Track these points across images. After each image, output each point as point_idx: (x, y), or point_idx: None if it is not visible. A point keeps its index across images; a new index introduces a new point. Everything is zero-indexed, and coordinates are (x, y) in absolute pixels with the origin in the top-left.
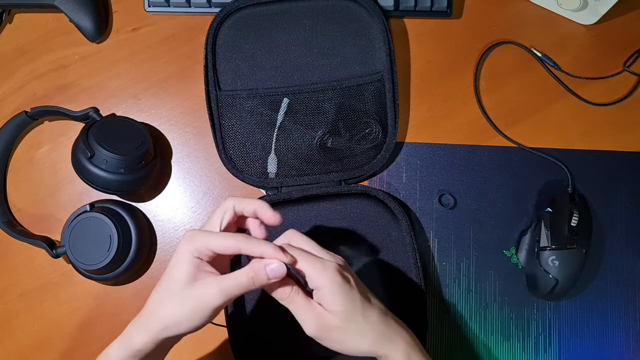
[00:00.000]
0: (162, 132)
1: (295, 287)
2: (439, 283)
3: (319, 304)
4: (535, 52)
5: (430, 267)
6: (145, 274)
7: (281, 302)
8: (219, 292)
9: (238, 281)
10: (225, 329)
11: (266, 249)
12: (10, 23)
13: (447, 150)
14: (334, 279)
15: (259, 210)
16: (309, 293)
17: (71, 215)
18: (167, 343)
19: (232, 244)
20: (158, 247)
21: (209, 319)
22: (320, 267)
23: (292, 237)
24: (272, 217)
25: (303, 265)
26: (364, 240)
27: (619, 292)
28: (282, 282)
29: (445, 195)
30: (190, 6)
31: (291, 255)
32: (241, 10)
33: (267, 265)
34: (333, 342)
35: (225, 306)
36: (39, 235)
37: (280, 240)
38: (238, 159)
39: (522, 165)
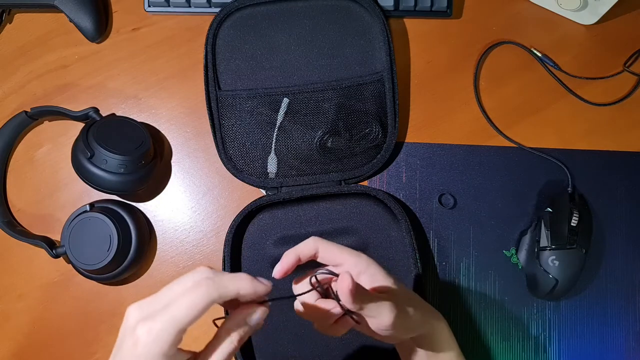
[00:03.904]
0: (162, 132)
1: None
2: (439, 283)
3: (373, 290)
4: (535, 52)
5: (430, 267)
6: (145, 274)
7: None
8: None
9: (227, 353)
10: None
11: (241, 283)
12: (10, 23)
13: (447, 150)
14: (371, 259)
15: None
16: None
17: (71, 215)
18: None
19: (202, 301)
20: (158, 247)
21: None
22: (356, 253)
23: (316, 243)
24: (263, 288)
25: (342, 255)
26: (364, 240)
27: (619, 292)
28: (344, 321)
29: (445, 195)
30: (190, 6)
31: (266, 283)
32: (241, 10)
33: (247, 318)
34: (403, 323)
35: None
36: (39, 235)
37: (305, 246)
38: (238, 159)
39: (522, 165)
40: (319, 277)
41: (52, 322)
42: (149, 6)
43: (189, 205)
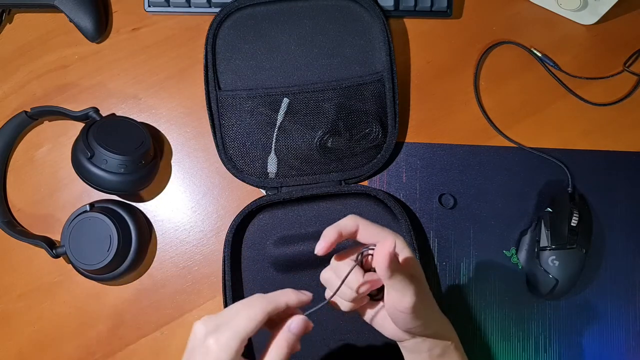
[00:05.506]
0: (162, 132)
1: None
2: (439, 283)
3: (402, 262)
4: (535, 52)
5: (430, 267)
6: (145, 274)
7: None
8: None
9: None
10: None
11: (285, 297)
12: (10, 23)
13: (447, 150)
14: (406, 242)
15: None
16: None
17: (71, 215)
18: None
19: (260, 313)
20: (158, 247)
21: None
22: (395, 234)
23: (356, 221)
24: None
25: (382, 234)
26: None
27: (619, 292)
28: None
29: (445, 195)
30: (190, 6)
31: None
32: (241, 10)
33: (289, 327)
34: (420, 312)
35: None
36: (39, 235)
37: (346, 223)
38: (238, 159)
39: (522, 165)
40: (365, 254)
41: (52, 322)
42: (149, 6)
43: (189, 205)
